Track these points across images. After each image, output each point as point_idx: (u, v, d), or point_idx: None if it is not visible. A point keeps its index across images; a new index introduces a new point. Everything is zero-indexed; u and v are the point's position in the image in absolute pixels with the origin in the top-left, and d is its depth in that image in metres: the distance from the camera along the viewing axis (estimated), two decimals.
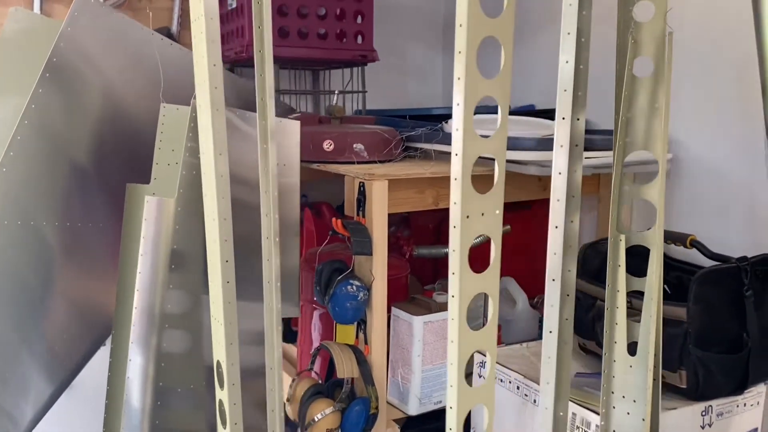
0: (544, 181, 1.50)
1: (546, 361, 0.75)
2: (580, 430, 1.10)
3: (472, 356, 0.75)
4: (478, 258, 0.72)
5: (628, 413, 0.83)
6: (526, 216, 1.70)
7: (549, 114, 1.74)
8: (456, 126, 0.66)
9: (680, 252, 1.34)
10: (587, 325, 1.33)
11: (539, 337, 1.54)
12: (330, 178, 1.36)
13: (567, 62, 0.70)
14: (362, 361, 1.20)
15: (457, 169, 0.66)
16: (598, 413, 1.06)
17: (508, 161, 1.30)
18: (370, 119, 1.61)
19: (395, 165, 1.37)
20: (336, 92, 1.62)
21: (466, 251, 0.68)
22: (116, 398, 1.07)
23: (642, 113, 0.79)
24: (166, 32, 1.61)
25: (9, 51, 1.18)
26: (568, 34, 0.69)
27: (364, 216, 1.20)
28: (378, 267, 1.19)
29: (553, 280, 0.74)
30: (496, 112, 0.70)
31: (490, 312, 0.73)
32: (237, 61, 1.68)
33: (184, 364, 1.01)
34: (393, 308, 1.32)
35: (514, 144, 1.28)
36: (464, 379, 0.71)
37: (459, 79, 0.65)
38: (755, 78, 1.20)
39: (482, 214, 0.69)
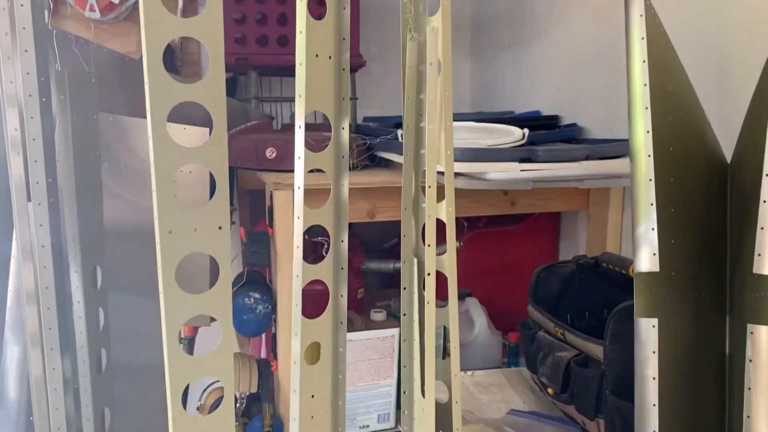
0: (512, 195, 1.36)
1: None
2: None
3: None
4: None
5: None
6: (512, 231, 1.56)
7: (552, 120, 1.59)
8: (149, 133, 0.61)
9: None
10: (533, 358, 1.19)
11: (502, 364, 1.41)
12: None
13: (300, 65, 0.63)
14: (266, 377, 1.16)
15: (153, 179, 0.61)
16: None
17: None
18: None
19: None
20: None
21: (171, 271, 0.63)
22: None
23: (434, 119, 0.69)
24: None
25: None
26: (300, 32, 0.62)
27: (272, 226, 1.16)
28: (283, 280, 1.15)
29: (297, 305, 0.66)
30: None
31: (223, 338, 0.67)
32: (235, 68, 1.69)
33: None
34: None
35: None
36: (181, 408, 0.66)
37: (146, 83, 0.60)
38: (732, 81, 1.01)
39: (195, 230, 0.64)
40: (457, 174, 1.17)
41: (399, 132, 1.37)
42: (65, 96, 0.92)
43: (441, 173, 1.14)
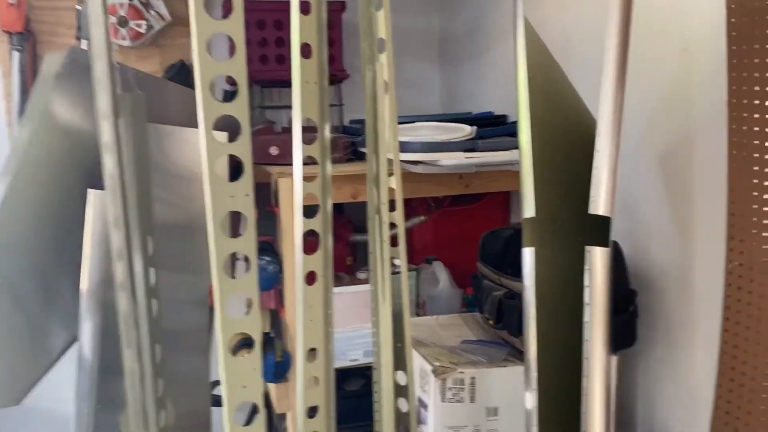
0: (466, 178, 1.72)
1: None
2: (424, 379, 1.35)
3: None
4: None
5: None
6: (472, 209, 1.92)
7: (501, 119, 1.95)
8: (201, 133, 0.97)
9: None
10: (480, 301, 1.55)
11: (461, 311, 1.78)
12: None
13: (295, 88, 0.99)
14: (276, 321, 1.52)
15: (204, 163, 0.97)
16: (431, 364, 1.31)
17: (406, 162, 1.56)
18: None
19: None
20: None
21: (219, 219, 0.98)
22: None
23: (383, 122, 1.05)
24: (180, 64, 2.03)
25: (40, 87, 1.63)
26: (294, 28, 0.98)
27: (277, 206, 1.52)
28: (287, 246, 1.51)
29: (298, 245, 1.02)
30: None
31: (252, 267, 1.02)
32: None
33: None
34: None
35: (405, 147, 1.53)
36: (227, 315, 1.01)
37: (198, 104, 0.96)
38: None
39: (232, 197, 0.99)
40: (417, 162, 1.53)
41: None
42: (127, 113, 1.27)
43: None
